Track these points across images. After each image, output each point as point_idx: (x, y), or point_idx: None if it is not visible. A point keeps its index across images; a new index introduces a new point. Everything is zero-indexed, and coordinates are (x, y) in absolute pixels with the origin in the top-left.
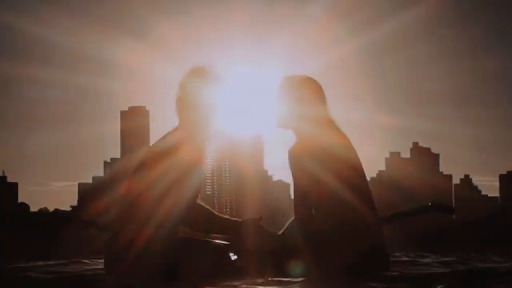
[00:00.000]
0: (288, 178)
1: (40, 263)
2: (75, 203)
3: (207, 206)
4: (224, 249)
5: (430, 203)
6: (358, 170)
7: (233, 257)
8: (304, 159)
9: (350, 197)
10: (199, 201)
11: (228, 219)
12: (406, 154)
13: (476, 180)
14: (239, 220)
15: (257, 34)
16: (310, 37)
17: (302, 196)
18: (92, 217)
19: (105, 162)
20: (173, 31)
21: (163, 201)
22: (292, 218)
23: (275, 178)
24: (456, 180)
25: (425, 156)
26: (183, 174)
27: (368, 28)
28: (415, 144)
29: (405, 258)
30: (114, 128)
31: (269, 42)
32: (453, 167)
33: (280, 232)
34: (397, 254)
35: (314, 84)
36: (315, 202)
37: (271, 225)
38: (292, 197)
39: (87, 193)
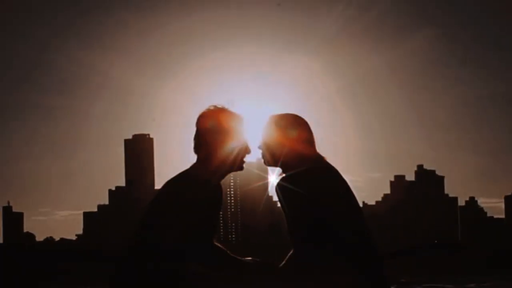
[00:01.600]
0: None
1: None
2: (80, 232)
3: (224, 248)
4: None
5: (435, 241)
6: (352, 193)
7: None
8: (297, 186)
9: (352, 217)
10: (216, 242)
11: (245, 261)
12: (410, 177)
13: (482, 202)
14: (251, 261)
15: (262, 74)
16: (304, 79)
17: (297, 227)
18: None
19: (110, 191)
20: (179, 62)
21: (170, 234)
22: (292, 251)
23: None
24: (461, 202)
25: (430, 179)
26: (195, 210)
27: (390, 47)
28: (420, 167)
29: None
30: (118, 156)
31: (273, 81)
32: (458, 189)
33: (281, 264)
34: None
35: (300, 121)
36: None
37: (277, 250)
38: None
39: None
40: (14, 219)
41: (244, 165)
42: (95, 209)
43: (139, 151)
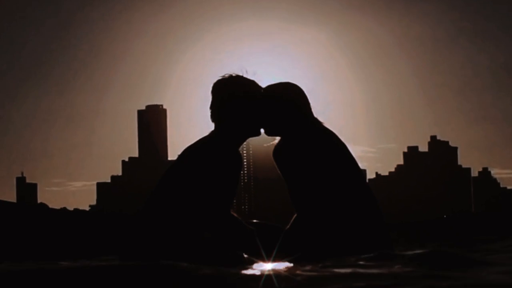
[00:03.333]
0: None
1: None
2: (94, 202)
3: (239, 217)
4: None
5: (444, 216)
6: (351, 157)
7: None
8: (296, 151)
9: (347, 181)
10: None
11: (255, 227)
12: (424, 148)
13: (495, 173)
14: (258, 225)
15: (275, 46)
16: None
17: (298, 191)
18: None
19: (123, 161)
20: (194, 34)
21: (186, 202)
22: (295, 215)
23: None
24: (474, 173)
25: (443, 150)
26: (211, 179)
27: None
28: (433, 138)
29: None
30: (131, 126)
31: (284, 53)
32: (471, 160)
33: (287, 227)
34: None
35: (295, 89)
36: (312, 192)
37: (288, 216)
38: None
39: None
40: (28, 189)
41: (261, 131)
42: (109, 180)
43: (152, 121)
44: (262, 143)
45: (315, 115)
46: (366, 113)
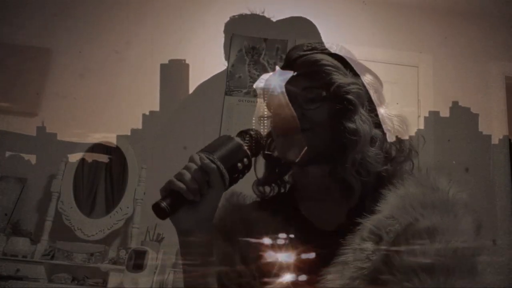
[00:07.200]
0: None
1: None
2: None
3: None
4: None
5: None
6: None
7: None
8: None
9: None
10: None
11: None
12: (445, 114)
13: None
14: None
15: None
16: None
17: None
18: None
19: (143, 115)
20: None
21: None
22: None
23: None
24: (495, 141)
25: (465, 116)
26: None
27: None
28: (455, 103)
29: None
30: (153, 81)
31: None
32: (492, 128)
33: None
34: None
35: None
36: None
37: None
38: None
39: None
40: (48, 140)
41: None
42: (129, 133)
43: (174, 76)
44: None
45: None
46: (386, 76)
